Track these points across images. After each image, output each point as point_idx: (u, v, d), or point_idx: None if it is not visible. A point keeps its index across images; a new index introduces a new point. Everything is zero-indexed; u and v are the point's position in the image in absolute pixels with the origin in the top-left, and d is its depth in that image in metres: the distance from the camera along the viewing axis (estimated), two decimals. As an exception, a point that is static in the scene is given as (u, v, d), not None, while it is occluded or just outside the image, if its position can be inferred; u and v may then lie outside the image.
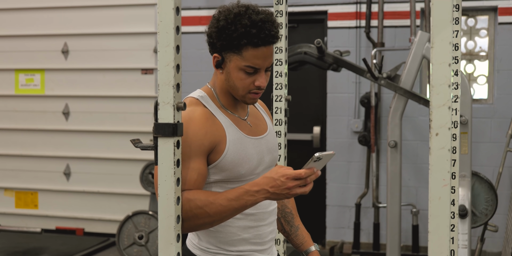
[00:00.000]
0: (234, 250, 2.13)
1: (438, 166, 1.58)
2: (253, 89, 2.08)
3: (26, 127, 6.44)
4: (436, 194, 1.59)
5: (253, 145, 2.13)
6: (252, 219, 2.13)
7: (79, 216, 6.33)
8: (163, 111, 1.73)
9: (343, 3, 5.79)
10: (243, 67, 2.04)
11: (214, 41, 2.07)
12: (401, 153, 4.55)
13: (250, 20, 1.99)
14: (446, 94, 1.57)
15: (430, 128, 1.58)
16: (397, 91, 4.40)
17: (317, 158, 1.80)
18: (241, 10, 2.02)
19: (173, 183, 1.75)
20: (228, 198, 1.92)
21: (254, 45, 2.00)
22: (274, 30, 2.02)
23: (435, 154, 1.58)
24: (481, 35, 5.66)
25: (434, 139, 1.58)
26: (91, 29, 6.26)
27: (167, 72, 1.73)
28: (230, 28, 2.00)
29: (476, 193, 4.44)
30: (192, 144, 1.97)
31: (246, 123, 2.17)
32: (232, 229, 2.11)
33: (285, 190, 1.86)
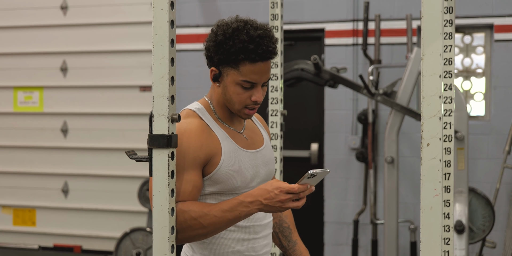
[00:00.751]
0: None
1: (429, 176, 1.60)
2: (250, 104, 2.10)
3: (25, 145, 6.44)
4: (428, 204, 1.60)
5: (248, 158, 2.14)
6: (246, 232, 2.14)
7: (77, 233, 6.30)
8: (157, 123, 1.75)
9: (340, 21, 5.82)
10: (240, 82, 2.05)
11: (212, 55, 2.09)
12: (398, 169, 4.56)
13: (248, 36, 2.01)
14: (436, 105, 1.58)
15: (422, 138, 1.60)
16: (394, 107, 4.43)
17: (310, 175, 1.83)
18: (240, 25, 2.05)
19: (168, 194, 1.76)
20: (222, 209, 1.94)
21: (251, 61, 2.02)
22: (271, 46, 2.04)
23: (426, 164, 1.60)
24: (478, 52, 5.70)
25: (426, 150, 1.60)
26: (90, 47, 6.28)
27: (161, 84, 1.75)
28: (228, 42, 2.02)
29: (473, 209, 4.45)
30: (188, 156, 1.99)
31: (242, 136, 2.20)
32: (226, 241, 2.12)
33: (278, 203, 1.89)
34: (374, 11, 5.65)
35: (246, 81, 2.05)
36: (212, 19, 6.11)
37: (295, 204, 1.90)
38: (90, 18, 6.29)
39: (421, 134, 1.58)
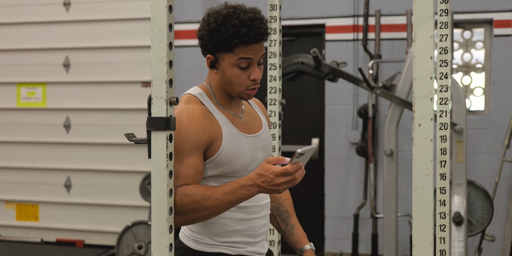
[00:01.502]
0: (226, 241, 2.19)
1: (421, 156, 1.63)
2: (250, 84, 2.15)
3: (28, 140, 6.48)
4: (420, 183, 1.64)
5: (247, 143, 2.19)
6: (246, 212, 2.20)
7: (80, 228, 6.34)
8: (156, 106, 1.79)
9: (341, 16, 5.85)
10: (236, 62, 2.11)
11: (206, 43, 2.13)
12: (397, 162, 4.59)
13: (239, 20, 2.07)
14: (427, 86, 1.62)
15: (413, 119, 1.63)
16: (393, 101, 4.46)
17: (299, 154, 1.87)
18: (229, 11, 2.11)
19: (166, 176, 1.80)
20: (224, 192, 1.98)
21: (245, 43, 2.07)
22: (263, 27, 2.10)
23: (418, 144, 1.63)
24: (477, 47, 5.73)
25: (417, 130, 1.63)
26: (92, 42, 6.32)
27: (160, 68, 1.78)
28: (220, 29, 2.08)
29: (472, 201, 4.48)
30: (191, 140, 2.04)
31: (241, 120, 2.24)
32: (226, 220, 2.18)
33: (275, 186, 1.94)
34: (374, 7, 5.69)
35: (242, 58, 2.10)
36: (213, 15, 6.12)
37: (291, 184, 1.94)
38: (93, 14, 6.32)
39: (413, 115, 1.62)
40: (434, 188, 1.63)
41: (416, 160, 1.63)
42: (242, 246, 2.22)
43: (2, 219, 6.55)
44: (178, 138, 2.02)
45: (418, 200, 1.63)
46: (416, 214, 1.64)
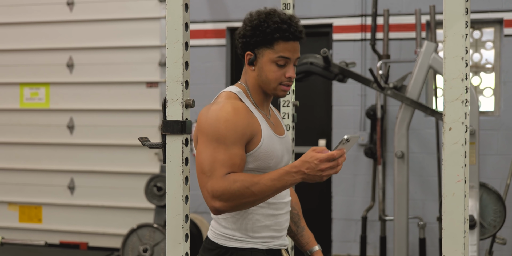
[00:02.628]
0: (258, 236, 2.29)
1: (451, 161, 1.56)
2: (285, 81, 2.27)
3: (31, 141, 6.42)
4: (450, 190, 1.56)
5: (278, 142, 2.31)
6: (273, 208, 2.31)
7: (83, 230, 6.28)
8: (171, 108, 1.71)
9: (348, 16, 5.79)
10: (275, 59, 2.24)
11: (248, 39, 2.27)
12: (408, 164, 4.52)
13: (280, 18, 2.23)
14: (459, 88, 1.54)
15: (444, 123, 1.55)
16: (404, 101, 4.39)
17: (345, 140, 1.95)
18: (271, 11, 2.28)
19: (182, 182, 1.72)
20: (271, 178, 2.08)
21: (285, 39, 2.22)
22: (301, 28, 2.26)
23: (448, 149, 1.56)
24: (487, 47, 5.65)
25: (448, 134, 1.56)
26: (96, 42, 6.26)
27: (175, 69, 1.71)
28: (263, 25, 2.23)
29: (484, 204, 4.40)
30: (238, 131, 2.16)
31: (271, 122, 2.36)
32: (257, 216, 2.28)
33: (319, 172, 2.02)
34: (382, 6, 5.61)
35: (281, 56, 2.23)
36: (219, 14, 6.08)
37: (334, 171, 2.03)
38: (97, 14, 6.26)
39: (443, 118, 1.54)
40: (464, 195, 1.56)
41: (446, 165, 1.55)
42: (271, 240, 2.32)
43: (5, 221, 6.49)
44: (226, 128, 2.13)
45: (449, 208, 1.55)
46: (447, 223, 1.56)
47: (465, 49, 1.54)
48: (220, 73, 6.07)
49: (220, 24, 6.07)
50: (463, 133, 1.54)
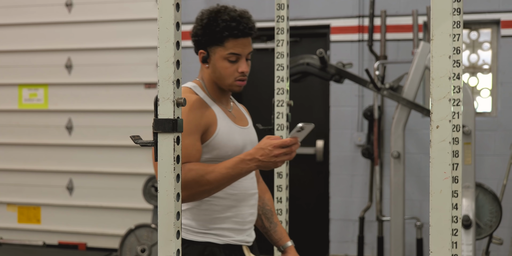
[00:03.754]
0: (215, 228, 2.36)
1: (439, 159, 1.57)
2: (238, 76, 2.36)
3: (29, 142, 6.44)
4: (437, 187, 1.57)
5: (238, 132, 2.39)
6: (234, 199, 2.38)
7: (82, 230, 6.30)
8: (163, 107, 1.73)
9: (346, 17, 5.80)
10: (226, 56, 2.33)
11: (200, 38, 2.36)
12: (405, 164, 4.53)
13: (230, 16, 2.30)
14: (446, 86, 1.56)
15: (431, 121, 1.57)
16: (400, 102, 4.40)
17: (300, 128, 2.06)
18: (221, 9, 2.35)
19: (173, 179, 1.73)
20: (226, 166, 2.18)
21: (234, 36, 2.30)
22: (250, 24, 2.34)
23: (435, 146, 1.57)
24: (484, 48, 5.67)
25: (435, 132, 1.57)
26: (95, 43, 6.28)
27: (167, 68, 1.72)
28: (213, 24, 2.31)
29: (480, 204, 4.42)
30: (191, 123, 2.25)
31: (231, 114, 2.45)
32: (216, 207, 2.35)
33: (273, 158, 2.13)
34: (380, 7, 5.63)
35: (231, 53, 2.32)
36: (217, 15, 6.08)
37: (287, 157, 2.14)
38: (95, 15, 6.28)
39: (430, 116, 1.56)
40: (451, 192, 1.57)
41: (433, 163, 1.57)
42: (230, 234, 2.38)
43: (3, 221, 6.51)
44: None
45: (436, 205, 1.57)
46: (434, 220, 1.57)
47: (452, 48, 1.56)
48: (218, 74, 6.06)
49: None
50: (450, 131, 1.55)
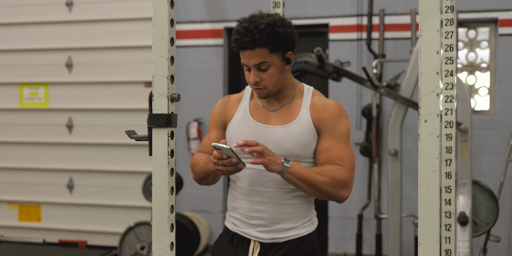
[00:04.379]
0: (230, 215, 2.54)
1: (427, 152, 1.60)
2: (251, 84, 2.40)
3: (30, 141, 6.47)
4: (426, 180, 1.60)
5: (256, 130, 2.43)
6: (240, 192, 2.48)
7: (82, 228, 6.33)
8: (157, 102, 1.76)
9: (344, 16, 5.82)
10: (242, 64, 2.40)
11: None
12: (402, 161, 4.55)
13: (240, 27, 2.34)
14: (434, 81, 1.59)
15: (419, 115, 1.60)
16: (397, 100, 4.42)
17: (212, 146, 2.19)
18: (246, 17, 2.37)
19: (167, 173, 1.77)
20: (204, 161, 2.43)
21: (236, 49, 2.36)
22: (253, 37, 2.29)
23: (424, 140, 1.60)
24: (482, 46, 5.69)
25: (423, 126, 1.60)
26: (95, 43, 6.31)
27: (161, 64, 1.75)
28: (233, 32, 2.38)
29: (477, 201, 4.44)
30: (214, 118, 2.56)
31: (269, 113, 2.47)
32: (230, 196, 2.54)
33: (212, 163, 2.30)
34: (378, 6, 5.65)
35: (242, 63, 2.39)
36: (217, 14, 6.11)
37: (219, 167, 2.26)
38: (95, 14, 6.31)
39: (418, 110, 1.59)
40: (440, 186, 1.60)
41: (422, 156, 1.60)
42: (239, 224, 2.49)
43: (4, 220, 6.53)
44: (210, 116, 2.59)
45: (424, 198, 1.60)
46: (422, 212, 1.60)
47: (439, 44, 1.59)
48: (217, 73, 6.10)
49: (217, 24, 6.11)
50: (438, 124, 1.58)
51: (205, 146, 2.57)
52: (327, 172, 2.33)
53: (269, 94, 2.42)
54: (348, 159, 2.39)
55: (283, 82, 2.44)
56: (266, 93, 2.41)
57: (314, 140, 2.42)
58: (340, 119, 2.43)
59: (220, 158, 2.23)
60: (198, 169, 2.48)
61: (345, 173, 2.36)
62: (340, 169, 2.36)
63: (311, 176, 2.30)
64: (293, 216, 2.45)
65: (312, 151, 2.43)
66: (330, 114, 2.44)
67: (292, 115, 2.45)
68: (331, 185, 2.32)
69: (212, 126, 2.56)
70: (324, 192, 2.34)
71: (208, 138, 2.56)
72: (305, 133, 2.41)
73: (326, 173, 2.33)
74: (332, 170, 2.34)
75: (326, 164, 2.38)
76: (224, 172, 2.26)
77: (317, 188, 2.32)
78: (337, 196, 2.37)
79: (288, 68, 2.45)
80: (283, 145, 2.40)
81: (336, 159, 2.38)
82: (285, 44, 2.37)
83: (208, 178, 2.48)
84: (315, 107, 2.46)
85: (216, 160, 2.24)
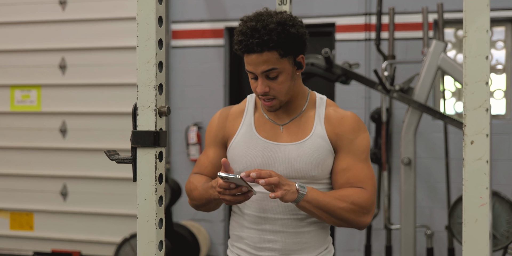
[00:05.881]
0: (234, 246, 2.23)
1: (474, 182, 1.30)
2: (259, 95, 2.08)
3: (22, 145, 6.23)
4: (472, 216, 1.30)
5: (263, 148, 2.13)
6: (247, 219, 2.16)
7: (76, 238, 6.08)
8: (142, 117, 1.46)
9: (352, 14, 5.57)
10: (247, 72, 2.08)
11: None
12: (416, 171, 4.27)
13: (244, 27, 2.01)
14: (482, 93, 1.29)
15: (464, 135, 1.30)
16: (411, 105, 4.14)
17: (219, 176, 1.90)
18: (251, 16, 2.05)
19: (155, 203, 1.47)
20: (204, 187, 2.11)
21: (241, 53, 2.04)
22: (262, 38, 1.98)
23: (470, 166, 1.30)
24: (498, 47, 5.41)
25: (469, 149, 1.30)
26: (90, 43, 6.07)
27: (147, 71, 1.46)
28: (236, 32, 2.05)
29: (497, 214, 4.16)
30: (211, 135, 2.24)
31: (278, 128, 2.16)
32: (235, 224, 2.22)
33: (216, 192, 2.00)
34: (387, 4, 5.38)
35: (247, 70, 2.06)
36: (217, 13, 5.87)
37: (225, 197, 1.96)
38: (90, 13, 6.07)
39: (463, 129, 1.29)
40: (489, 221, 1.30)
41: (467, 186, 1.30)
42: (246, 255, 2.19)
43: (-5, 228, 6.32)
44: (206, 132, 2.28)
45: (470, 238, 1.30)
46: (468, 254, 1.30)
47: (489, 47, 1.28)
48: (218, 75, 5.85)
49: (218, 24, 5.86)
50: (487, 147, 1.28)
51: (202, 166, 2.24)
52: (347, 197, 2.03)
53: (281, 106, 2.12)
54: (370, 180, 2.09)
55: (293, 91, 2.13)
56: (278, 104, 2.11)
57: (331, 158, 2.12)
58: (360, 133, 2.13)
59: (227, 187, 1.92)
60: (197, 195, 2.16)
61: (367, 196, 2.06)
62: (361, 193, 2.06)
63: (329, 202, 2.00)
64: (308, 245, 2.15)
65: (328, 171, 2.13)
66: (348, 128, 2.13)
67: (304, 130, 2.15)
68: (351, 212, 2.03)
69: (210, 143, 2.24)
70: (344, 220, 2.04)
71: (206, 157, 2.24)
72: (321, 150, 2.10)
73: (346, 198, 2.03)
74: (352, 194, 2.05)
75: (345, 186, 2.09)
76: (232, 202, 1.96)
77: (336, 215, 2.02)
78: (358, 223, 2.07)
79: (299, 74, 2.14)
80: (296, 165, 2.10)
81: (356, 181, 2.08)
82: (297, 47, 2.05)
83: (209, 205, 2.17)
84: (330, 120, 2.15)
85: (223, 190, 1.94)
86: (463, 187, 1.31)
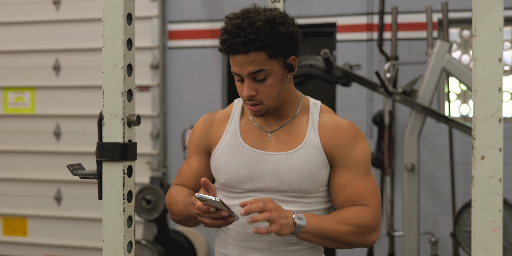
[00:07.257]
0: None
1: (484, 203, 1.13)
2: (244, 99, 1.93)
3: (15, 149, 6.13)
4: (483, 242, 1.13)
5: (249, 157, 1.97)
6: (230, 235, 2.00)
7: (71, 244, 5.98)
8: (108, 127, 1.29)
9: (353, 14, 5.44)
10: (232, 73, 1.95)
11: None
12: (419, 177, 4.12)
13: (230, 25, 1.88)
14: (495, 101, 1.12)
15: (474, 149, 1.12)
16: (414, 108, 3.99)
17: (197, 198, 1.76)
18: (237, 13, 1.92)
19: (123, 224, 1.30)
20: (184, 203, 1.96)
21: (226, 53, 1.90)
22: (247, 38, 1.83)
23: (480, 186, 1.13)
24: (504, 47, 5.26)
25: (479, 165, 1.13)
26: (84, 44, 5.96)
27: (114, 75, 1.29)
28: (221, 31, 1.93)
29: (504, 221, 3.99)
30: (193, 143, 2.09)
31: (266, 135, 2.01)
32: (219, 240, 2.06)
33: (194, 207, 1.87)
34: (390, 3, 5.24)
35: (232, 72, 1.93)
36: (214, 13, 5.76)
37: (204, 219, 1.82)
38: (85, 13, 5.97)
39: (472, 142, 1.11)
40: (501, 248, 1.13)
41: (477, 208, 1.12)
42: None
43: (-12, 234, 6.23)
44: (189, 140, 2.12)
45: (481, 267, 1.12)
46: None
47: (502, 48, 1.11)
48: (216, 76, 5.72)
49: (215, 24, 5.73)
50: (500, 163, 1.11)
51: (184, 177, 2.08)
52: (350, 219, 1.87)
53: (268, 111, 1.95)
54: (373, 195, 1.93)
55: (284, 96, 1.96)
56: (264, 110, 1.93)
57: (325, 171, 1.94)
58: (357, 143, 1.96)
59: (206, 211, 1.77)
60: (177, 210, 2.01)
61: (371, 215, 1.90)
62: (364, 211, 1.89)
63: (331, 229, 1.83)
64: None
65: (322, 184, 1.95)
66: (345, 138, 1.96)
67: (295, 138, 1.98)
68: (356, 235, 1.87)
69: (193, 151, 2.08)
70: (350, 244, 1.89)
71: (188, 166, 2.09)
72: (313, 162, 1.93)
73: (349, 220, 1.86)
74: (356, 215, 1.88)
75: (347, 204, 1.92)
76: (211, 225, 1.81)
77: (340, 241, 1.86)
78: (365, 243, 1.92)
79: (290, 77, 1.98)
80: (285, 177, 1.92)
81: (358, 198, 1.92)
82: (287, 47, 1.90)
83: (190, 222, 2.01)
84: (325, 128, 1.98)
85: (202, 213, 1.79)
86: (472, 209, 1.14)
